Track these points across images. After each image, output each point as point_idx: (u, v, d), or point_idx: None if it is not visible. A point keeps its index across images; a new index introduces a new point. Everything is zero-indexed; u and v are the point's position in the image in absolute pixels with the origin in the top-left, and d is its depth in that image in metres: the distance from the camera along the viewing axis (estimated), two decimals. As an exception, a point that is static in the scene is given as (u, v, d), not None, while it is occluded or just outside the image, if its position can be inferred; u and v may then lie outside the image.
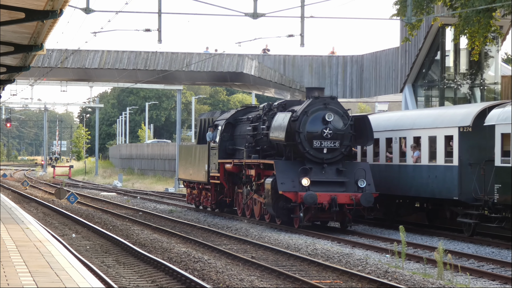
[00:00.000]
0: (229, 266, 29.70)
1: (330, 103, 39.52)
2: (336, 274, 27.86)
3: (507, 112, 35.75)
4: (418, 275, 27.03)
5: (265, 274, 27.84)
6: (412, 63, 66.27)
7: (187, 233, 41.34)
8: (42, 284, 16.34)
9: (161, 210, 57.42)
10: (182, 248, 35.29)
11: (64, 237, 36.55)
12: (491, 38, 50.47)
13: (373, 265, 29.42)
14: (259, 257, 32.32)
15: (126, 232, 41.72)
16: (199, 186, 53.10)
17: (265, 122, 42.42)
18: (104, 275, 25.91)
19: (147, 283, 26.58)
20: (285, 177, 38.25)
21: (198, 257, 32.03)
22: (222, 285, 25.46)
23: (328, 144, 38.59)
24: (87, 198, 70.02)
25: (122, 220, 49.31)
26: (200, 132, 54.20)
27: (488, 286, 25.59)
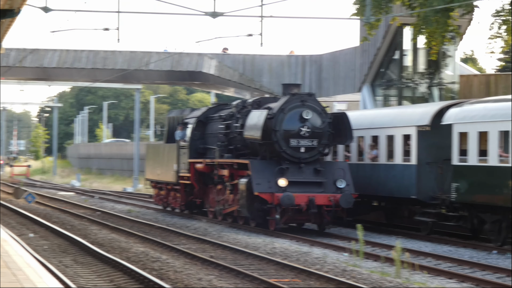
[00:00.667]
0: (187, 266, 29.69)
1: (308, 100, 38.35)
2: (295, 272, 27.87)
3: (464, 111, 35.97)
4: (376, 274, 27.09)
5: (224, 273, 27.82)
6: (371, 62, 66.48)
7: (145, 233, 41.27)
8: None
9: (119, 210, 57.33)
10: (140, 247, 35.24)
11: (21, 237, 36.42)
12: (449, 37, 50.67)
13: (331, 264, 29.46)
14: (218, 256, 32.30)
15: (84, 232, 41.62)
16: (167, 187, 51.63)
17: (239, 120, 41.05)
18: (62, 274, 25.79)
19: (105, 282, 26.49)
20: (260, 178, 37.00)
21: (156, 257, 32.00)
22: (180, 284, 25.42)
23: (305, 143, 37.36)
24: (45, 198, 69.83)
25: (80, 219, 49.21)
26: (169, 130, 52.49)
27: (445, 285, 25.66)
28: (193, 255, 32.14)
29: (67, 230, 41.24)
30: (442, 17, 46.19)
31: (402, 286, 24.99)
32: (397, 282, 25.60)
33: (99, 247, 34.36)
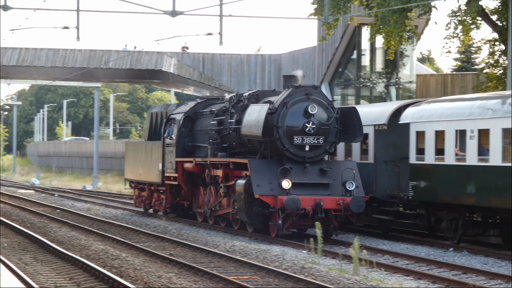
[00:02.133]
0: (147, 263, 29.68)
1: (313, 93, 34.97)
2: (254, 270, 27.91)
3: (421, 110, 36.14)
4: (334, 271, 27.18)
5: (183, 271, 27.83)
6: (329, 62, 66.69)
7: (105, 231, 41.22)
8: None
9: (79, 208, 57.23)
10: (100, 245, 35.19)
11: (-19, 235, 36.33)
12: (406, 37, 50.92)
13: (289, 261, 29.52)
14: (178, 254, 32.28)
15: (44, 230, 41.54)
16: (150, 188, 48.40)
17: (234, 115, 37.55)
18: (22, 272, 25.76)
19: (65, 280, 26.44)
20: (261, 179, 33.48)
21: (116, 255, 31.97)
22: (140, 282, 25.42)
23: (310, 140, 33.93)
24: (4, 196, 69.56)
25: (40, 217, 49.09)
26: (151, 127, 49.43)
27: (402, 282, 25.80)
28: (152, 253, 32.12)
29: (26, 228, 41.15)
30: (400, 17, 46.38)
31: (360, 283, 25.11)
32: (355, 279, 25.68)
33: (59, 245, 34.29)
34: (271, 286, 25.09)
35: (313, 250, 30.63)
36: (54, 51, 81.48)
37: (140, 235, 39.23)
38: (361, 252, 27.82)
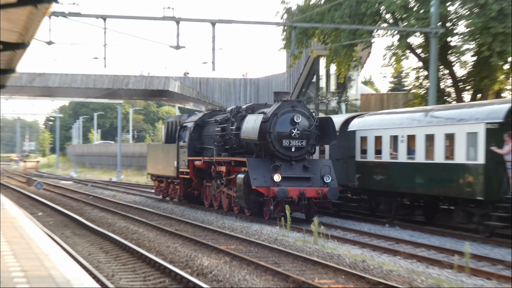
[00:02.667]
0: (158, 236, 29.74)
1: (297, 105, 34.66)
2: (239, 241, 27.99)
3: (364, 121, 36.42)
4: (299, 242, 27.21)
5: (186, 242, 27.87)
6: (295, 84, 66.86)
7: (126, 212, 41.16)
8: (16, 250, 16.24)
9: (106, 195, 57.04)
10: (123, 223, 35.24)
11: (33, 215, 36.22)
12: (353, 66, 50.99)
13: (266, 235, 29.55)
14: (181, 229, 32.30)
15: (80, 211, 41.47)
16: (167, 180, 47.72)
17: (234, 123, 37.17)
18: (64, 243, 25.80)
19: (96, 249, 26.56)
20: (257, 173, 33.00)
21: (135, 230, 32.05)
22: (153, 250, 25.48)
23: (296, 143, 33.55)
24: (50, 186, 69.34)
25: (77, 202, 48.96)
26: (167, 133, 48.61)
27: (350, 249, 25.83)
28: (162, 228, 32.14)
29: (67, 210, 41.08)
30: (348, 50, 46.48)
31: (318, 251, 25.16)
32: (315, 248, 25.74)
33: (91, 223, 34.34)
34: (251, 253, 25.14)
35: (284, 226, 30.71)
36: (87, 76, 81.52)
37: (153, 215, 39.19)
38: (320, 227, 27.90)
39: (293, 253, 24.27)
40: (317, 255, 24.40)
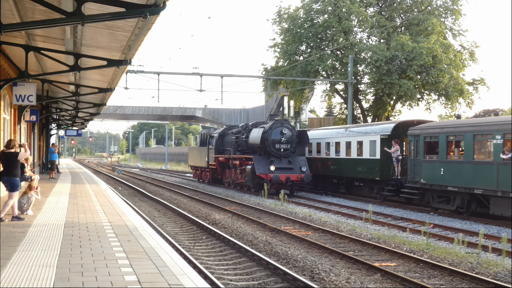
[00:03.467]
0: (189, 202, 29.60)
1: (284, 122, 34.14)
2: (237, 204, 27.87)
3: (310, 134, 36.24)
4: (273, 205, 27.17)
5: (206, 205, 27.76)
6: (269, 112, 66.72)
7: (170, 187, 41.01)
8: (105, 210, 16.20)
9: (159, 177, 56.91)
10: (168, 193, 35.05)
11: (116, 189, 36.05)
12: (303, 101, 51.04)
13: (252, 201, 29.43)
14: (202, 198, 32.20)
15: (143, 186, 41.29)
16: (201, 169, 46.61)
17: (243, 134, 36.75)
18: (133, 205, 25.70)
19: (152, 208, 26.41)
20: (259, 165, 32.69)
21: (175, 198, 31.87)
22: (185, 209, 25.37)
23: (284, 146, 32.89)
24: (126, 172, 69.04)
25: (141, 181, 48.78)
26: (201, 140, 46.33)
27: (302, 209, 25.80)
28: (191, 197, 32.01)
29: (135, 186, 40.93)
30: (300, 93, 46.53)
31: (283, 210, 25.11)
32: (282, 208, 25.72)
33: (150, 193, 34.18)
34: (244, 211, 25.07)
35: (264, 195, 30.64)
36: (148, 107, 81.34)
37: (186, 189, 39.04)
38: (285, 197, 27.88)
39: (268, 211, 24.22)
40: (283, 212, 24.36)
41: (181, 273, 8.01)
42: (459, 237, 16.18)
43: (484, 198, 21.58)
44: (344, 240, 17.19)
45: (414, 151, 25.47)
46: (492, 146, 21.14)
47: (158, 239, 11.15)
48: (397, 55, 40.94)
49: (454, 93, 42.90)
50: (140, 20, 11.44)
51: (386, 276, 12.38)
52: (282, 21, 46.21)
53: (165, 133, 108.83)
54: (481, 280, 11.80)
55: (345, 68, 42.40)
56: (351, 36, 43.76)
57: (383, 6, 45.99)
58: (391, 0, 45.22)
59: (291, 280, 11.67)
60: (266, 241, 16.47)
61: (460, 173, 22.41)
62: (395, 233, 18.76)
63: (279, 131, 33.15)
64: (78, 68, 16.03)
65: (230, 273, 12.88)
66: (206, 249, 15.97)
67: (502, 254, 14.21)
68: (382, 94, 42.06)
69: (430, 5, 45.37)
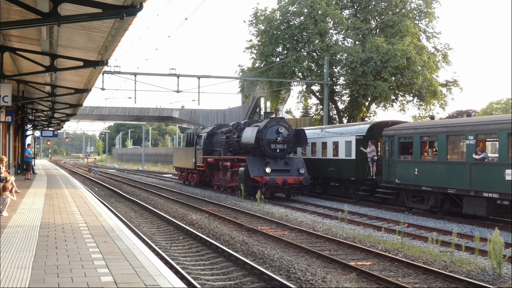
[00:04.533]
0: (166, 202, 29.48)
1: (280, 121, 31.49)
2: (214, 205, 27.82)
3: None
4: (249, 205, 27.16)
5: (183, 205, 27.68)
6: (246, 113, 66.69)
7: (147, 187, 40.82)
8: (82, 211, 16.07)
9: (136, 178, 56.60)
10: (145, 194, 34.86)
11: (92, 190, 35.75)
12: (280, 102, 51.11)
13: (230, 201, 29.40)
14: (178, 198, 32.08)
15: (119, 187, 41.00)
16: (187, 171, 43.44)
17: (235, 133, 33.91)
18: (110, 206, 25.52)
19: (128, 209, 26.22)
20: (253, 167, 29.98)
21: (152, 198, 31.70)
22: (163, 210, 25.25)
23: (280, 146, 30.32)
24: (102, 173, 68.57)
25: (118, 182, 48.44)
26: (188, 140, 43.51)
27: (278, 208, 25.83)
28: (167, 197, 31.89)
29: (112, 186, 40.64)
30: (277, 93, 46.59)
31: (260, 210, 25.12)
32: (258, 208, 25.71)
33: (126, 194, 33.95)
34: (221, 211, 25.03)
35: (240, 196, 30.59)
36: (124, 108, 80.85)
37: (163, 190, 38.86)
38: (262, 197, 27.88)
39: (245, 211, 24.20)
40: (259, 212, 24.36)
41: (157, 274, 7.98)
42: (433, 236, 16.33)
43: (457, 198, 21.82)
44: (320, 240, 17.25)
45: (389, 152, 25.65)
46: (465, 147, 21.39)
47: (135, 240, 11.08)
48: (372, 56, 41.22)
49: (428, 94, 43.32)
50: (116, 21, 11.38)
51: (361, 275, 12.45)
52: (259, 22, 46.21)
53: (142, 133, 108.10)
54: (455, 278, 11.92)
55: (321, 70, 42.54)
56: (327, 38, 43.93)
57: (358, 8, 46.25)
58: (366, 3, 45.49)
59: (267, 279, 11.68)
60: (243, 241, 16.46)
61: (434, 173, 22.64)
62: (370, 232, 18.88)
63: (274, 130, 30.84)
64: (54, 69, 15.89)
65: (207, 273, 12.86)
66: (183, 249, 15.91)
67: (475, 252, 14.37)
68: (358, 95, 42.30)
69: (404, 7, 45.76)
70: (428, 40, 46.25)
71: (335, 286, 11.28)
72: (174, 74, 38.27)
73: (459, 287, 11.54)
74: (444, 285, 11.78)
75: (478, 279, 12.05)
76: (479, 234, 15.22)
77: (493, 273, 12.54)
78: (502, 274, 12.46)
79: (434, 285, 11.81)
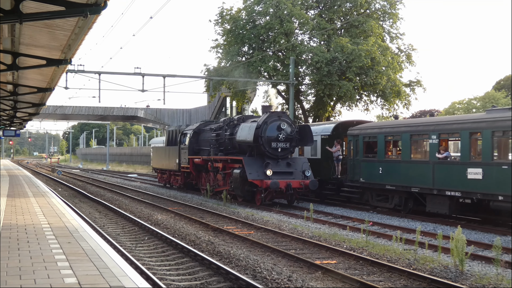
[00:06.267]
0: (131, 203, 29.27)
1: (282, 115, 27.82)
2: (179, 204, 27.74)
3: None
4: (215, 205, 27.10)
5: (148, 206, 27.52)
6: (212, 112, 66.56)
7: (112, 188, 40.46)
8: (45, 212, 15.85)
9: (100, 178, 56.09)
10: (109, 194, 34.56)
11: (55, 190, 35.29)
12: (245, 102, 51.10)
13: (195, 201, 29.34)
14: (143, 198, 31.83)
15: (84, 187, 40.56)
16: (170, 173, 39.44)
17: (227, 130, 30.55)
18: (74, 206, 25.21)
19: (93, 210, 25.95)
20: (252, 169, 26.63)
21: (117, 198, 31.48)
22: (128, 210, 25.03)
23: (282, 145, 26.97)
24: (66, 173, 67.76)
25: (82, 182, 47.93)
26: (168, 138, 40.07)
27: (244, 208, 25.80)
28: (132, 197, 31.68)
29: (76, 187, 40.18)
30: (242, 93, 46.60)
31: (226, 209, 25.09)
32: (224, 208, 25.67)
33: (90, 194, 33.60)
34: (187, 211, 24.95)
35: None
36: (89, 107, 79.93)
37: (127, 190, 38.56)
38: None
39: (211, 211, 24.19)
40: (225, 212, 24.35)
41: (122, 275, 7.91)
42: (397, 234, 16.52)
43: (420, 196, 22.13)
44: (286, 239, 17.31)
45: (354, 151, 25.88)
46: (428, 146, 21.71)
47: (99, 241, 10.97)
48: (337, 57, 41.52)
49: (392, 94, 43.81)
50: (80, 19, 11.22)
51: (327, 274, 12.53)
52: (225, 22, 46.13)
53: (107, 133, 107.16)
54: (418, 275, 12.08)
55: (286, 69, 42.70)
56: (292, 38, 44.10)
57: (323, 8, 46.54)
58: (332, 3, 45.80)
59: (233, 279, 11.67)
60: (209, 240, 16.43)
61: (398, 172, 22.91)
62: (335, 231, 19.01)
63: (276, 126, 27.39)
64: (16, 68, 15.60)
65: (172, 273, 12.79)
66: (148, 250, 15.81)
67: (438, 250, 14.58)
68: (323, 95, 42.57)
69: (369, 8, 46.21)
70: (392, 41, 46.78)
71: (301, 285, 11.33)
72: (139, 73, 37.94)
73: (423, 284, 11.71)
74: (408, 282, 11.92)
75: (441, 276, 12.23)
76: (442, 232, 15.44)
77: (455, 270, 12.75)
78: (464, 271, 12.67)
79: (398, 282, 11.95)
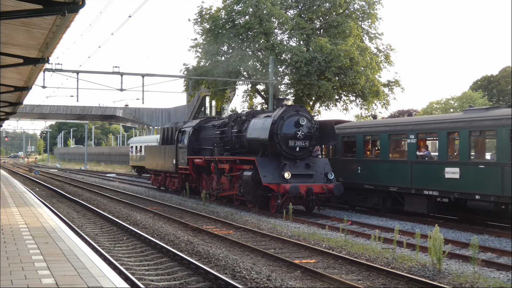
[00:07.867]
0: (109, 202, 29.08)
1: (301, 110, 24.35)
2: (159, 204, 27.65)
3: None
4: (194, 204, 26.99)
5: (127, 205, 27.36)
6: (191, 112, 66.40)
7: (90, 187, 40.19)
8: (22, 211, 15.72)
9: (78, 178, 55.66)
10: (88, 194, 34.31)
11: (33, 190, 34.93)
12: (225, 101, 51.08)
13: (174, 201, 29.20)
14: (122, 198, 31.65)
15: (62, 187, 40.23)
16: (165, 174, 35.69)
17: (233, 127, 27.19)
18: (51, 206, 25.00)
19: (71, 210, 25.74)
20: (266, 171, 23.47)
21: (95, 198, 31.24)
22: (106, 210, 24.86)
23: (300, 143, 23.81)
24: (43, 172, 67.17)
25: (60, 182, 47.54)
26: (163, 137, 36.47)
27: (223, 208, 25.79)
28: (111, 197, 31.47)
29: (54, 187, 39.82)
30: (222, 92, 46.56)
31: (206, 209, 25.03)
32: (203, 208, 25.60)
33: (68, 194, 33.32)
34: (166, 211, 24.87)
35: (185, 195, 30.31)
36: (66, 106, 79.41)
37: (106, 189, 38.29)
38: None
39: (190, 211, 24.14)
40: (204, 212, 24.31)
41: (100, 275, 7.86)
42: (376, 233, 16.63)
43: (399, 196, 22.30)
44: (265, 238, 17.34)
45: (333, 151, 25.96)
46: (406, 146, 21.88)
47: (77, 241, 10.90)
48: (316, 56, 41.66)
49: (370, 94, 44.08)
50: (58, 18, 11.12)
51: (306, 273, 12.57)
52: (204, 21, 46.05)
53: (85, 132, 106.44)
54: (396, 274, 12.17)
55: (266, 69, 42.74)
56: (272, 38, 44.17)
57: (302, 8, 46.68)
58: (310, 3, 45.95)
59: (212, 279, 11.66)
60: (188, 240, 16.40)
61: (376, 171, 23.06)
62: (314, 230, 19.08)
63: (293, 121, 24.21)
64: (-8, 66, 15.43)
65: (151, 273, 12.75)
66: (127, 250, 15.73)
67: (416, 249, 14.70)
68: (302, 94, 42.71)
69: (348, 8, 46.43)
70: (371, 41, 47.06)
71: (280, 285, 11.35)
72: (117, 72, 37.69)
73: (401, 283, 11.80)
74: (386, 281, 12.01)
75: (419, 275, 12.33)
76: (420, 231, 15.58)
77: (433, 269, 12.87)
78: (442, 270, 12.79)
79: (376, 281, 12.03)
